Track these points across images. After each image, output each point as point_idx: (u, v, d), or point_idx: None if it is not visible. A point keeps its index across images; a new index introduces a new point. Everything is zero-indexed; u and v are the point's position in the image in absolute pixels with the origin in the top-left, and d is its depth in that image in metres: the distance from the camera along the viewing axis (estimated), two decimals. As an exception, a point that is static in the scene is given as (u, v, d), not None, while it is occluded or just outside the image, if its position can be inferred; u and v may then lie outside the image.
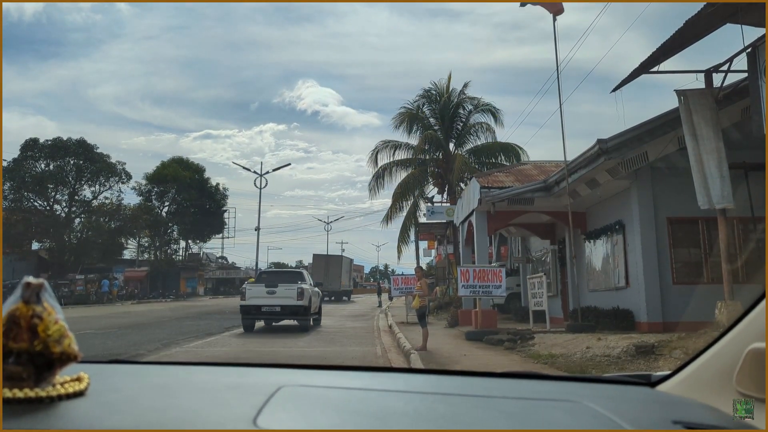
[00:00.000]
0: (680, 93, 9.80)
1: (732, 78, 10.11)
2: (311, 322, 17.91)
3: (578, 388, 1.37)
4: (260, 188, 41.75)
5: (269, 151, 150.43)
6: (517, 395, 1.23)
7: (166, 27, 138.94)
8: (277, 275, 18.80)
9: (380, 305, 34.48)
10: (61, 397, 0.90)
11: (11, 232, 38.99)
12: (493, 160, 28.42)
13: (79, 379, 0.98)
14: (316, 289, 19.34)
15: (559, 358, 9.38)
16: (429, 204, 29.24)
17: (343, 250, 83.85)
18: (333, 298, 44.10)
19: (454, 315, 17.83)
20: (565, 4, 13.71)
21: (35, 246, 43.95)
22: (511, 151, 28.05)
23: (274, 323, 17.73)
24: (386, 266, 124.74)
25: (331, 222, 73.42)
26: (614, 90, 10.95)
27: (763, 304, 1.14)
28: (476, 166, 27.64)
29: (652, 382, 1.40)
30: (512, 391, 1.30)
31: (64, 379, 0.95)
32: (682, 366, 1.34)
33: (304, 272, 19.54)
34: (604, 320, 12.90)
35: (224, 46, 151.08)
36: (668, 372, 1.38)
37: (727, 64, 9.64)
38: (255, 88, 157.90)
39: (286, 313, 16.70)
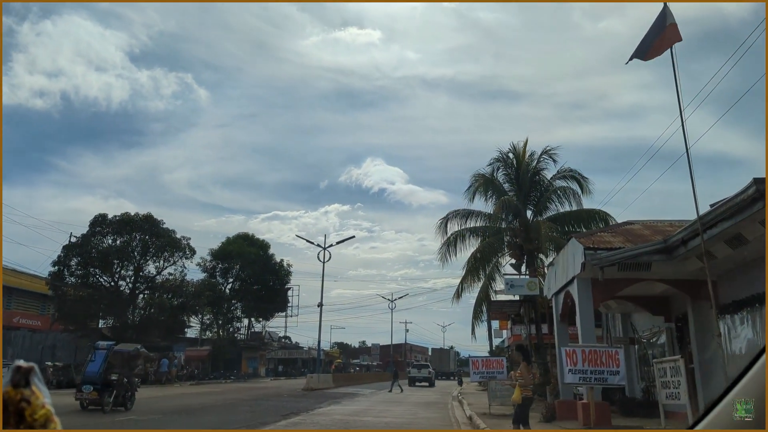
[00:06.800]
0: None
1: None
2: (434, 384, 46.59)
3: None
4: (323, 261, 41.37)
5: (334, 230, 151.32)
6: None
7: (238, 115, 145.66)
8: (420, 365, 49.45)
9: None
10: None
11: (77, 308, 38.52)
12: (578, 229, 25.43)
13: None
14: (433, 370, 50.02)
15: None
16: (508, 276, 26.34)
17: (407, 330, 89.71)
18: (443, 377, 66.94)
19: (550, 407, 14.79)
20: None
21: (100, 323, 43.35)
22: (601, 218, 24.95)
23: (417, 384, 44.49)
24: (452, 348, 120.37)
25: (396, 300, 71.18)
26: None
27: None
28: (559, 235, 24.77)
29: None
30: None
31: None
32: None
33: (429, 365, 53.09)
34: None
35: (292, 131, 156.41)
36: None
37: None
38: (321, 170, 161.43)
39: (425, 380, 45.30)
